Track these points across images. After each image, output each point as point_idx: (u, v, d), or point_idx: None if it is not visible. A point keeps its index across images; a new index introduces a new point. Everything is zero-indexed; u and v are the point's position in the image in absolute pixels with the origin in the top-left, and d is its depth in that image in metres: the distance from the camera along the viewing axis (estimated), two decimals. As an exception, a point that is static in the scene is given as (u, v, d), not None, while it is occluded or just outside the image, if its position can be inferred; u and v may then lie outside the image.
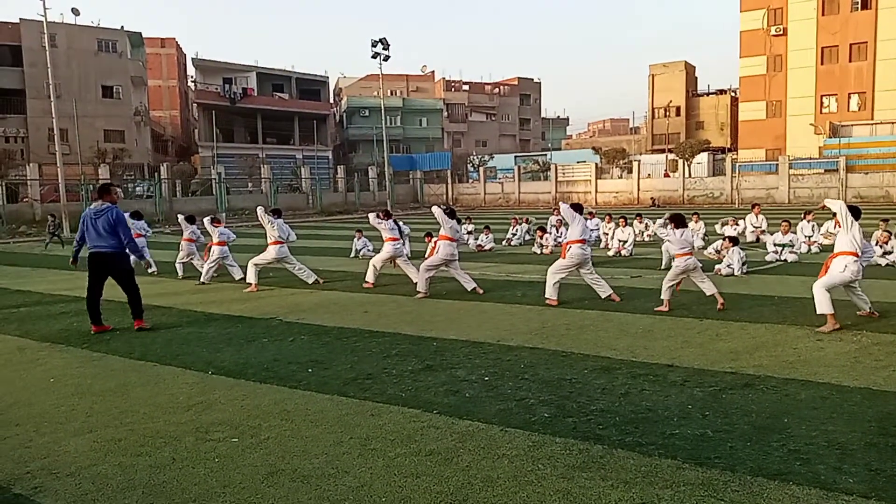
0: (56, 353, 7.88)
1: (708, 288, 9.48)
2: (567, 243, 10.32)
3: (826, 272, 8.08)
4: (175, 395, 5.98)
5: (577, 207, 10.46)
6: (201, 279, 13.51)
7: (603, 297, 10.18)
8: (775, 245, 14.77)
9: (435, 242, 11.74)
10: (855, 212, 8.06)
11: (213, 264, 13.50)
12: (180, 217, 15.13)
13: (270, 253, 12.51)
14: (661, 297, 9.44)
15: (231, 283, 13.46)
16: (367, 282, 12.34)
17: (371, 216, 12.67)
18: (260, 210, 12.96)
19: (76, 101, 47.30)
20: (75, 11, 46.55)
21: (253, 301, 11.24)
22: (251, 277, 12.37)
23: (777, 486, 3.85)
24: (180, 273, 14.50)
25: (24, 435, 5.11)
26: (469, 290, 11.23)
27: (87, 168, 43.47)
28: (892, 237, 13.80)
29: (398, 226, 12.66)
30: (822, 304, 7.79)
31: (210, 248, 13.94)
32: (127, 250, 9.02)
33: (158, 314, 10.25)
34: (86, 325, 9.09)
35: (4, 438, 5.05)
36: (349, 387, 6.07)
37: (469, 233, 19.78)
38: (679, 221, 9.74)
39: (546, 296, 10.21)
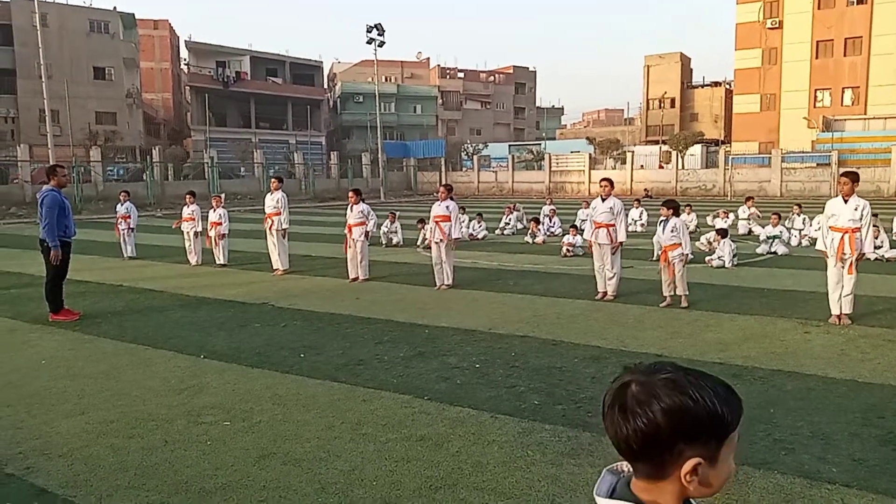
0: (47, 334, 7.87)
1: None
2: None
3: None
4: (167, 379, 6.00)
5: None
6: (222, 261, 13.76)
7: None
8: (767, 237, 14.87)
9: (437, 227, 11.05)
10: None
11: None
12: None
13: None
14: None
15: (220, 267, 13.45)
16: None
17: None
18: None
19: (67, 82, 46.84)
20: (67, -9, 46.05)
21: (245, 286, 11.24)
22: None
23: (762, 474, 3.92)
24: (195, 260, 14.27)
25: (15, 416, 5.12)
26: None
27: (78, 150, 43.14)
28: (881, 231, 13.91)
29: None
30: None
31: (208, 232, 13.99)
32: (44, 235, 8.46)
33: (150, 297, 10.23)
34: (77, 306, 9.07)
35: (-4, 419, 5.06)
36: (341, 372, 6.10)
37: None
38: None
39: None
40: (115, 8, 54.03)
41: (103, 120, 51.35)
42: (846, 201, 7.89)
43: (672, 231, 9.08)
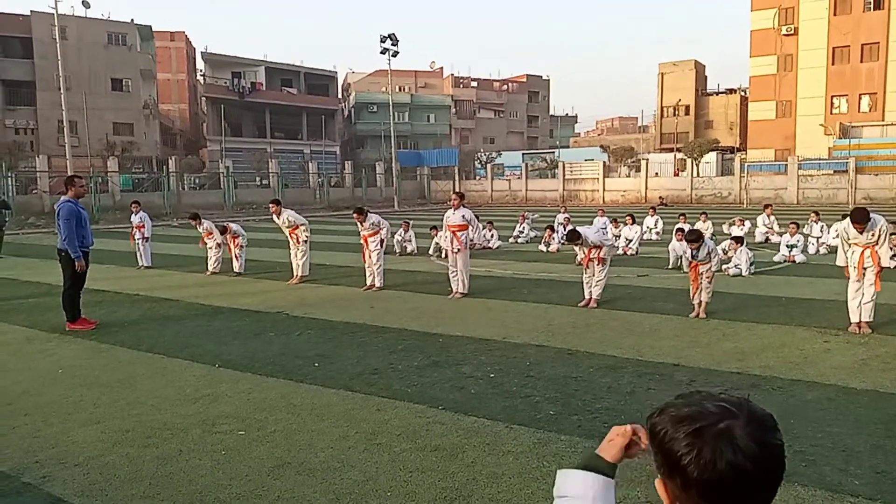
0: (64, 343, 7.93)
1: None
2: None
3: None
4: (182, 388, 6.01)
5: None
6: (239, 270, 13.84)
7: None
8: (787, 246, 14.70)
9: (454, 236, 11.06)
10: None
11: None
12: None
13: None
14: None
15: (235, 276, 13.50)
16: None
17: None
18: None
19: (86, 94, 47.42)
20: (86, 4, 46.64)
21: (260, 295, 11.28)
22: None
23: (783, 486, 3.82)
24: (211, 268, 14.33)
25: (32, 425, 5.15)
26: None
27: (96, 160, 43.62)
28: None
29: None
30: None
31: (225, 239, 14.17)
32: (65, 244, 8.56)
33: (166, 307, 10.29)
34: (94, 315, 9.13)
35: (13, 428, 5.09)
36: (355, 381, 6.09)
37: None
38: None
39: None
40: (132, 20, 54.70)
41: (120, 131, 51.91)
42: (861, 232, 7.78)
43: (708, 254, 9.03)
